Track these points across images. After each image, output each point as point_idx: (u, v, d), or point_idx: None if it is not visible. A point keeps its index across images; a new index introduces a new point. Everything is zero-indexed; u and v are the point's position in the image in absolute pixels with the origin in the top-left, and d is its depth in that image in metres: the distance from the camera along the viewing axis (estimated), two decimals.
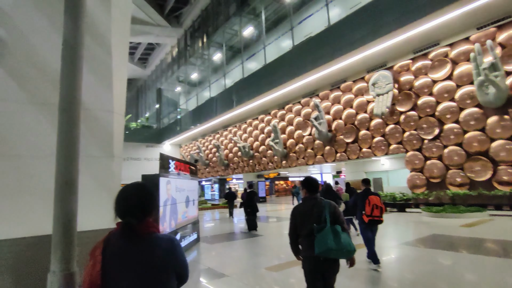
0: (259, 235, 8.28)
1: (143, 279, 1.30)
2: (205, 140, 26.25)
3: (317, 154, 15.20)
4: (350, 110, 13.65)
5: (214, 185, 30.96)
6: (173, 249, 1.38)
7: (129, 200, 1.38)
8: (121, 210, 1.36)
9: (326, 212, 2.66)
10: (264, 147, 18.95)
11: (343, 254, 2.56)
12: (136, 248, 1.33)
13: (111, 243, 1.34)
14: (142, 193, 1.42)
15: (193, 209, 7.06)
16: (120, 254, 1.32)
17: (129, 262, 1.31)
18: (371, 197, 4.82)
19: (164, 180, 5.05)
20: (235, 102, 17.85)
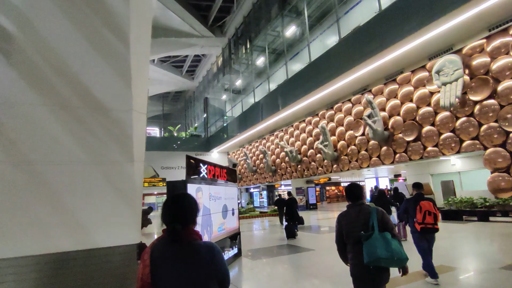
0: (310, 249, 7.27)
1: (186, 282, 1.41)
2: (251, 146, 25.85)
3: (372, 155, 13.71)
4: (409, 104, 12.05)
5: (262, 192, 30.32)
6: (213, 256, 1.46)
7: (174, 208, 1.53)
8: (168, 217, 1.50)
9: (374, 219, 2.55)
10: (312, 151, 17.84)
11: (394, 262, 2.42)
12: (179, 252, 1.45)
13: (157, 247, 1.48)
14: (185, 202, 1.56)
15: (233, 220, 6.35)
16: (166, 258, 1.45)
17: (173, 265, 1.43)
18: (422, 203, 4.50)
19: (193, 187, 4.39)
20: (281, 105, 17.09)
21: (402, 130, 12.22)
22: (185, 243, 1.46)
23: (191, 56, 38.78)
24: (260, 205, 30.43)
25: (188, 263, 1.43)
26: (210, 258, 1.45)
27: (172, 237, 1.45)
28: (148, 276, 1.41)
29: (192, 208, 1.57)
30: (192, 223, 1.54)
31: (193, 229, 1.54)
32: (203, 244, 1.49)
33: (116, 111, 3.17)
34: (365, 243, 2.47)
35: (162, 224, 1.50)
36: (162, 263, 1.44)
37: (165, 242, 1.48)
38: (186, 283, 1.41)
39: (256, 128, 21.08)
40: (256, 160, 24.95)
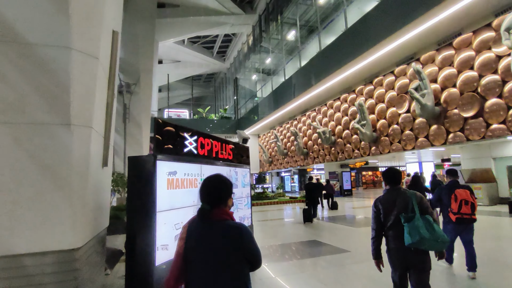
0: (345, 250, 5.94)
1: (213, 259, 1.49)
2: (282, 128, 24.48)
3: (419, 136, 11.79)
4: (469, 72, 9.95)
5: (294, 176, 29.03)
6: (241, 236, 1.54)
7: (205, 188, 1.65)
8: (201, 197, 1.64)
9: (414, 202, 2.56)
10: (348, 132, 16.10)
11: (437, 244, 2.38)
12: (208, 231, 1.54)
13: (193, 224, 1.62)
14: (216, 183, 1.68)
15: (244, 212, 4.99)
16: (196, 235, 1.56)
17: (202, 242, 1.53)
18: (458, 191, 4.23)
19: (165, 167, 2.89)
20: (313, 81, 15.46)
21: (459, 105, 10.19)
22: (213, 222, 1.55)
23: (221, 36, 37.62)
24: (292, 189, 29.23)
25: (216, 242, 1.50)
26: (237, 238, 1.52)
27: (200, 216, 1.58)
28: (182, 248, 1.52)
29: (222, 189, 1.65)
30: (223, 204, 1.62)
31: (224, 210, 1.61)
32: (232, 224, 1.57)
33: (42, 46, 2.06)
34: (407, 225, 2.43)
35: None
36: (193, 239, 1.54)
37: (197, 220, 1.60)
38: (212, 260, 1.48)
39: (287, 107, 19.62)
40: (287, 142, 23.59)
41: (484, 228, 7.51)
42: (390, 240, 2.68)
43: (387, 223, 2.66)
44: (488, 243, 6.08)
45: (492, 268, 4.69)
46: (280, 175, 32.35)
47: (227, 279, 1.48)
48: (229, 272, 1.50)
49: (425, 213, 2.55)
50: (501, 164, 11.64)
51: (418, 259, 2.52)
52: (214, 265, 1.48)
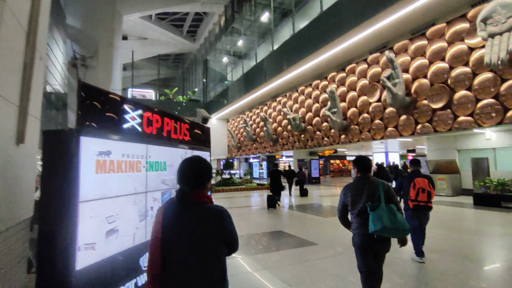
0: (313, 243, 5.49)
1: (192, 241, 1.43)
2: (252, 113, 23.88)
3: (389, 125, 11.74)
4: (440, 64, 9.89)
5: (262, 163, 28.76)
6: (221, 219, 1.50)
7: (185, 170, 1.56)
8: (179, 179, 1.55)
9: (380, 191, 2.64)
10: (318, 119, 15.87)
11: (398, 233, 2.52)
12: (188, 215, 1.47)
13: (170, 206, 1.52)
14: (197, 165, 1.58)
15: None
16: (174, 217, 1.48)
17: (180, 225, 1.46)
18: (417, 180, 4.43)
19: (94, 145, 2.21)
20: (285, 65, 14.89)
21: (428, 96, 10.16)
22: (193, 205, 1.49)
23: (192, 15, 35.68)
24: (260, 176, 28.98)
25: (197, 225, 1.45)
26: (218, 221, 1.49)
27: (180, 198, 1.50)
28: (159, 231, 1.44)
29: (202, 171, 1.57)
30: (202, 187, 1.55)
31: (203, 192, 1.54)
32: (212, 207, 1.52)
33: None
34: (372, 213, 2.54)
35: None
36: (170, 222, 1.47)
37: (175, 202, 1.52)
38: (194, 244, 1.43)
39: (258, 92, 18.99)
40: (256, 128, 23.08)
41: (449, 220, 7.53)
42: (354, 227, 2.78)
43: (355, 210, 2.74)
44: (447, 233, 6.03)
45: (441, 255, 4.79)
46: (249, 161, 31.95)
47: (210, 263, 1.47)
48: (211, 256, 1.47)
49: (391, 202, 2.65)
50: (465, 156, 11.98)
51: (380, 245, 2.68)
52: (196, 249, 1.45)
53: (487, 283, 3.73)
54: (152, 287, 1.44)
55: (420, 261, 4.43)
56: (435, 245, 5.29)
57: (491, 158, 10.69)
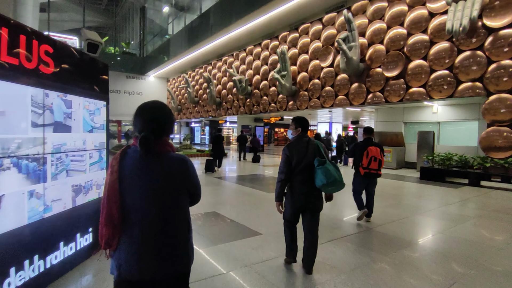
0: (257, 232, 4.17)
1: (155, 191, 1.35)
2: (195, 73, 21.73)
3: (339, 93, 11.07)
4: (398, 29, 9.23)
5: (204, 128, 27.10)
6: (185, 168, 1.43)
7: (148, 116, 1.40)
8: (140, 125, 1.39)
9: (321, 150, 2.84)
10: (266, 83, 14.69)
11: (342, 185, 2.73)
12: (150, 163, 1.36)
13: (128, 156, 1.39)
14: (161, 111, 1.44)
15: (91, 177, 2.97)
16: (135, 167, 1.36)
17: (143, 175, 1.35)
18: (370, 148, 4.51)
19: None
20: (234, 17, 13.09)
21: (383, 63, 9.55)
22: (156, 154, 1.38)
23: None
24: (201, 142, 27.41)
25: (159, 174, 1.36)
26: (182, 171, 1.42)
27: (145, 147, 1.33)
28: (116, 182, 1.33)
29: (167, 117, 1.45)
30: (165, 135, 1.44)
31: (167, 141, 1.44)
32: (175, 156, 1.43)
33: None
34: (321, 168, 2.68)
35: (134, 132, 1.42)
36: (131, 172, 1.35)
37: (135, 151, 1.38)
38: (154, 192, 1.35)
39: (202, 47, 16.88)
40: (199, 89, 21.13)
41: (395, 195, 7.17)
42: (295, 185, 2.84)
43: (297, 167, 2.81)
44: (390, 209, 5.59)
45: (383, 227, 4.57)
46: (190, 126, 29.97)
47: (174, 214, 1.40)
48: (176, 207, 1.40)
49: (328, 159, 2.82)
50: (410, 129, 11.98)
51: (315, 202, 2.84)
52: (160, 200, 1.35)
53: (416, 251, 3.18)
54: (111, 239, 1.33)
55: (360, 213, 4.69)
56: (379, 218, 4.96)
57: (436, 132, 10.76)
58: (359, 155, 4.61)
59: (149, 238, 1.34)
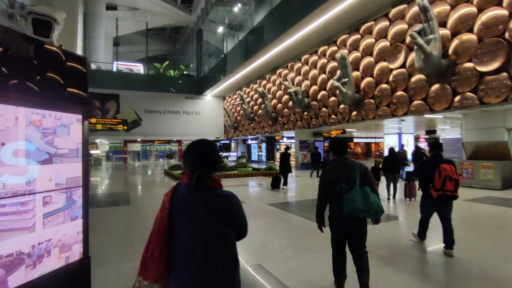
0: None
1: (202, 227, 1.39)
2: (249, 89, 21.32)
3: (415, 98, 9.24)
4: (494, 10, 7.28)
5: (261, 144, 26.38)
6: (230, 205, 1.47)
7: (201, 154, 1.50)
8: (193, 163, 1.47)
9: (357, 173, 2.75)
10: (324, 93, 13.34)
11: (370, 214, 2.66)
12: (197, 198, 1.43)
13: (179, 192, 1.47)
14: (211, 149, 1.53)
15: (57, 233, 2.13)
16: (186, 203, 1.43)
17: (192, 211, 1.41)
18: (443, 166, 3.98)
19: None
20: (288, 24, 12.21)
21: (475, 56, 7.61)
22: (205, 190, 1.45)
23: None
24: (259, 159, 26.70)
25: (205, 210, 1.41)
26: (227, 206, 1.46)
27: (198, 183, 1.43)
28: (166, 218, 1.40)
29: (216, 155, 1.55)
30: (215, 171, 1.51)
31: (214, 177, 1.50)
32: (223, 192, 1.48)
33: None
34: (346, 195, 2.66)
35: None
36: (182, 208, 1.43)
37: (186, 187, 1.47)
38: (202, 228, 1.39)
39: (256, 61, 16.33)
40: (254, 105, 20.59)
41: (496, 229, 5.24)
42: (333, 208, 2.89)
43: (333, 192, 2.83)
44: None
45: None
46: (247, 143, 29.59)
47: (220, 249, 1.42)
48: (222, 242, 1.43)
49: (366, 184, 2.74)
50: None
51: (354, 226, 2.79)
52: (206, 236, 1.40)
53: None
54: (160, 275, 1.38)
55: (418, 242, 4.50)
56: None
57: None
58: (429, 175, 4.12)
59: (197, 274, 1.37)
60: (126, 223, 6.19)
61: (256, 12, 18.49)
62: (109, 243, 4.88)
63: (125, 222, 6.33)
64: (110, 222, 6.36)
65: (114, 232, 5.57)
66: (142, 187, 11.76)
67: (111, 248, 4.64)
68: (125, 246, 4.72)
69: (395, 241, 4.80)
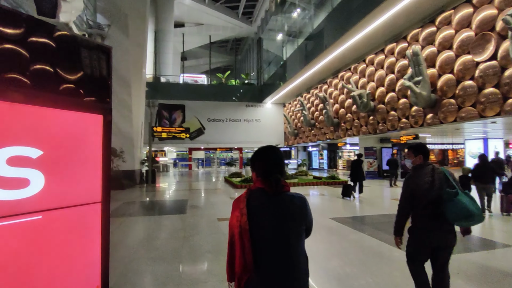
0: None
1: (283, 229, 1.45)
2: (310, 95, 20.69)
3: (511, 94, 7.72)
4: None
5: (323, 152, 25.34)
6: (306, 205, 1.55)
7: (273, 159, 1.55)
8: (265, 168, 1.54)
9: (449, 177, 2.52)
10: (393, 95, 12.13)
11: (481, 218, 2.38)
12: (275, 202, 1.48)
13: (254, 197, 1.50)
14: (280, 154, 1.59)
15: None
16: (264, 207, 1.47)
17: (271, 214, 1.46)
18: None
19: None
20: (350, 21, 11.47)
21: None
22: (280, 193, 1.49)
23: None
24: (320, 167, 25.66)
25: (284, 212, 1.46)
26: (302, 207, 1.52)
27: (276, 187, 1.48)
28: (246, 223, 1.42)
29: (283, 160, 1.59)
30: (283, 175, 1.55)
31: (284, 180, 1.54)
32: (295, 194, 1.54)
33: None
34: (452, 202, 2.37)
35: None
36: (260, 212, 1.46)
37: (262, 192, 1.49)
38: (283, 230, 1.44)
39: (317, 65, 15.74)
40: (314, 111, 19.87)
41: None
42: (422, 220, 2.56)
43: (422, 201, 2.53)
44: None
45: None
46: (307, 150, 28.75)
47: (300, 250, 1.49)
48: (299, 243, 1.49)
49: (462, 188, 2.48)
50: None
51: (448, 237, 2.50)
52: (286, 238, 1.45)
53: None
54: (242, 278, 1.42)
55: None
56: None
57: None
58: None
59: (279, 274, 1.42)
60: (177, 236, 5.72)
61: (315, 16, 17.94)
62: (154, 258, 4.49)
63: (176, 233, 5.89)
64: (160, 233, 5.95)
65: (162, 245, 5.14)
66: (202, 194, 11.94)
67: (154, 264, 4.25)
68: (171, 263, 4.28)
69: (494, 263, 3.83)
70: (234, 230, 1.46)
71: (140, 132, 14.46)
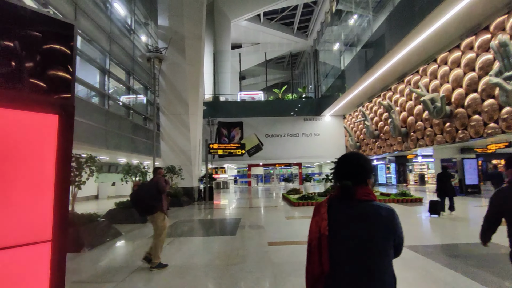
0: None
1: (361, 240, 1.33)
2: (372, 104, 19.19)
3: None
4: None
5: (389, 165, 23.11)
6: (394, 219, 1.38)
7: (345, 165, 1.47)
8: (338, 174, 1.47)
9: None
10: (475, 96, 10.37)
11: None
12: (355, 211, 1.37)
13: (334, 203, 1.43)
14: (356, 160, 1.47)
15: None
16: (342, 214, 1.38)
17: (348, 223, 1.36)
18: None
19: None
20: (416, 18, 10.26)
21: None
22: (356, 201, 1.39)
23: (300, 7, 33.25)
24: (387, 182, 23.37)
25: (366, 222, 1.35)
26: (390, 220, 1.36)
27: (343, 194, 1.40)
28: (326, 228, 1.37)
29: (364, 166, 1.45)
30: (364, 183, 1.43)
31: (367, 189, 1.43)
32: (381, 205, 1.39)
33: None
34: None
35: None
36: (338, 219, 1.40)
37: (338, 200, 1.44)
38: (361, 241, 1.33)
39: (378, 71, 14.49)
40: (378, 121, 18.28)
41: None
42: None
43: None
44: None
45: None
46: (372, 164, 26.61)
47: (384, 267, 1.33)
48: (382, 258, 1.33)
49: None
50: None
51: None
52: (365, 250, 1.32)
53: None
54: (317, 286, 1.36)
55: None
56: None
57: None
58: None
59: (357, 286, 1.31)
60: (219, 263, 4.97)
61: (374, 19, 16.76)
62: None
63: (219, 260, 5.17)
64: (201, 258, 5.32)
65: (197, 275, 4.39)
66: (256, 212, 11.42)
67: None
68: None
69: None
70: (313, 235, 1.40)
71: (198, 149, 14.77)
